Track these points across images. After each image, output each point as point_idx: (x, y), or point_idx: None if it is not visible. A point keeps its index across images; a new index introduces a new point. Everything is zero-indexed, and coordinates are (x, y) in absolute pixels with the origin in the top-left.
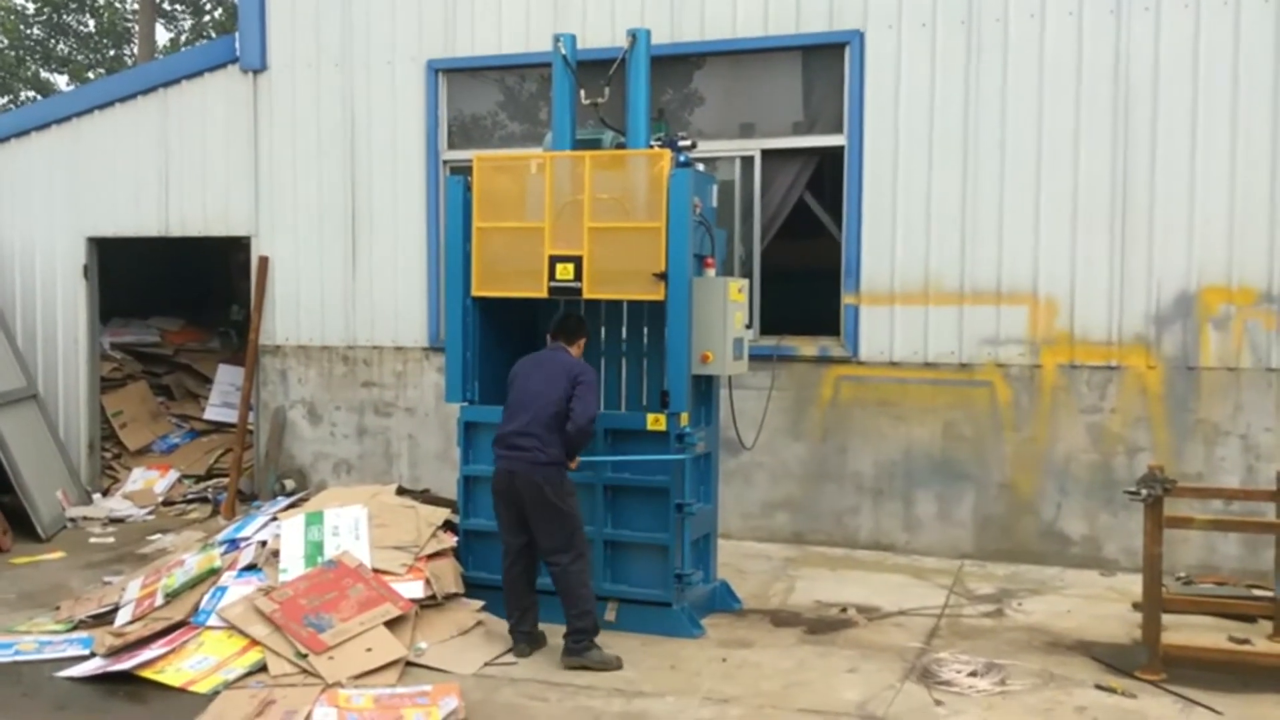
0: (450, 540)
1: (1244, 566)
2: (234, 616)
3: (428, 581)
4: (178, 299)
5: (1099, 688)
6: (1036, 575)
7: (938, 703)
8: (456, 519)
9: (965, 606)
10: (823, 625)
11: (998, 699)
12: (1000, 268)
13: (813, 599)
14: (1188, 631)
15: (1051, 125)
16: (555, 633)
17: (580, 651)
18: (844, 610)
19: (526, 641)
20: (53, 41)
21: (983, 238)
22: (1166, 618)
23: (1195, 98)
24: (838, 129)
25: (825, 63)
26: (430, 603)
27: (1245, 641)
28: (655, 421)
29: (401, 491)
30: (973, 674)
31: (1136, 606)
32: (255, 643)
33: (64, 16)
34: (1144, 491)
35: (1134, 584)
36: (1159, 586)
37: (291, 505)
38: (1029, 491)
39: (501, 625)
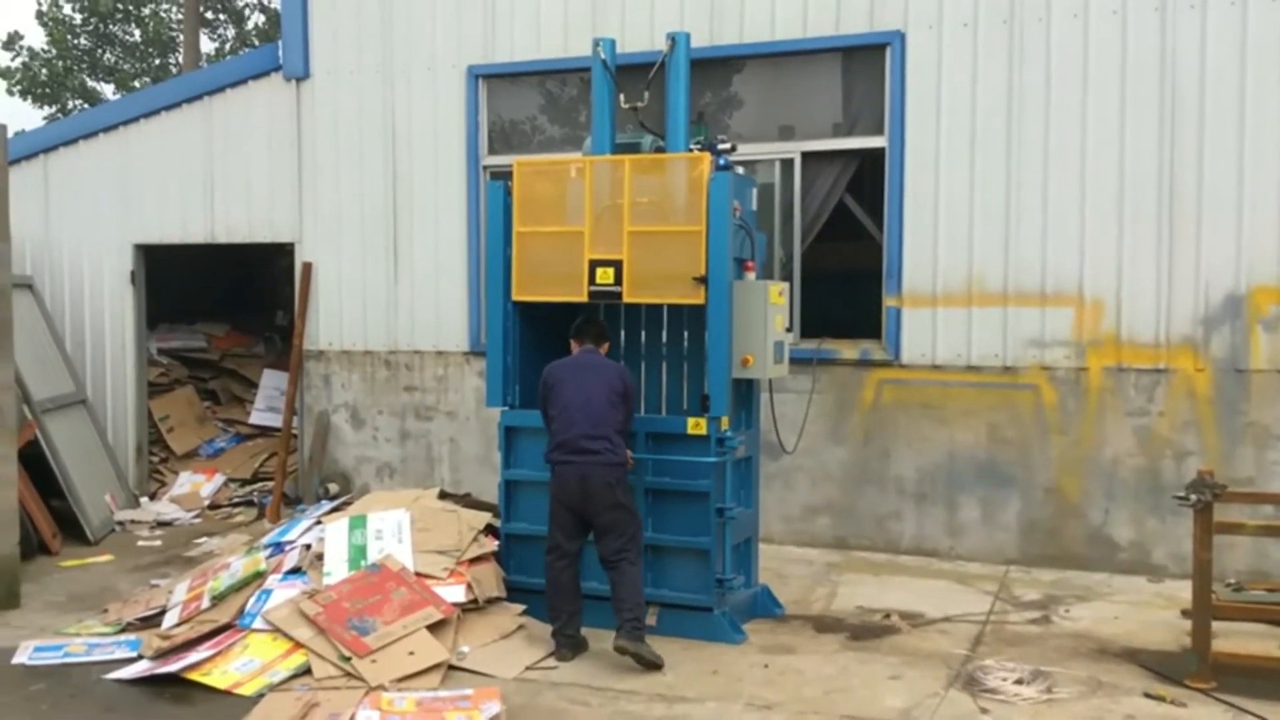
0: (491, 544)
1: None
2: (279, 619)
3: (469, 586)
4: (223, 305)
5: (1147, 696)
6: (1083, 581)
7: (983, 711)
8: (498, 523)
9: (1010, 613)
10: (865, 631)
11: (1044, 707)
12: (1045, 269)
13: (855, 604)
14: (1238, 639)
15: (1096, 124)
16: (597, 638)
17: (640, 638)
18: (887, 616)
19: (569, 646)
20: (100, 51)
21: (1026, 238)
22: (1216, 625)
23: (1243, 95)
24: (878, 130)
25: (865, 64)
26: (472, 606)
27: None
28: (696, 425)
29: (443, 495)
30: (1019, 681)
31: (1185, 613)
32: (299, 645)
33: (110, 26)
34: (1193, 497)
35: (1183, 590)
36: (1209, 593)
37: (335, 509)
38: (1075, 496)
39: (543, 629)
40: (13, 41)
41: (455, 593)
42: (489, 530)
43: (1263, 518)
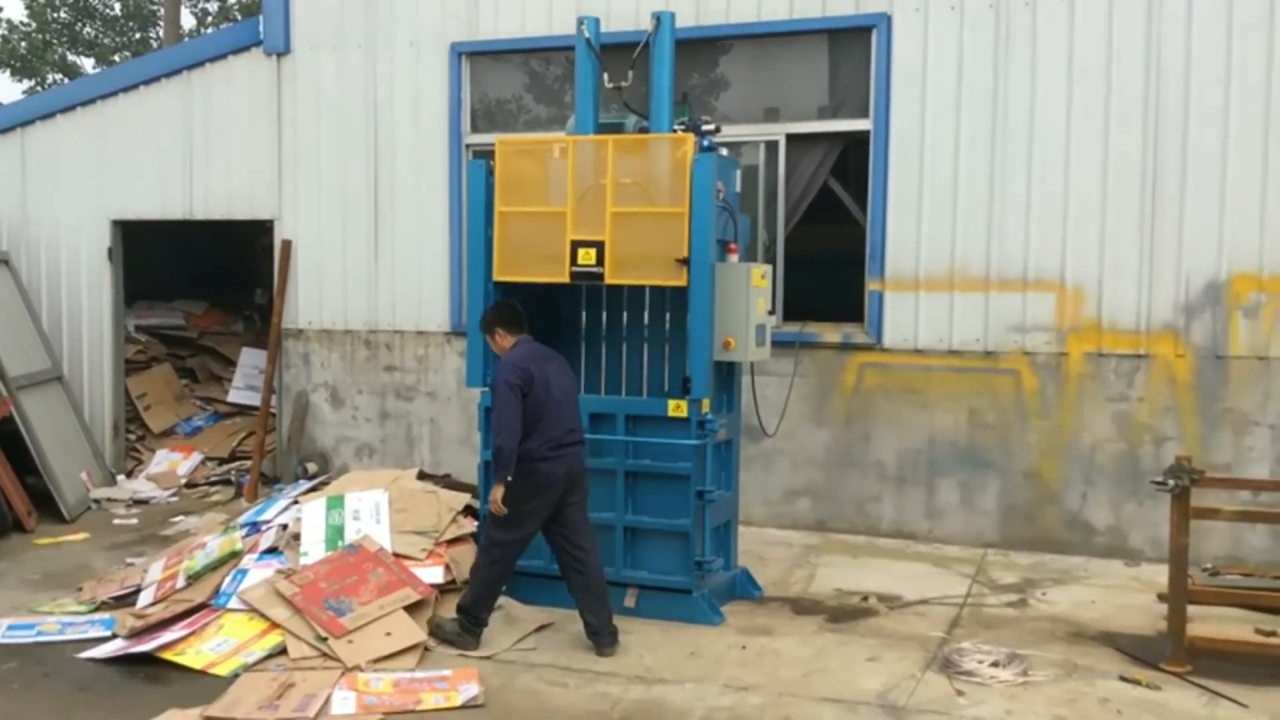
0: (470, 525)
1: (1272, 558)
2: (255, 599)
3: (448, 567)
4: (202, 282)
5: (1123, 679)
6: (1060, 565)
7: (959, 693)
8: (477, 504)
9: (988, 596)
10: (844, 613)
11: (1020, 690)
12: (1027, 254)
13: (834, 587)
14: (1213, 623)
15: (1081, 110)
16: (573, 619)
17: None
18: (865, 599)
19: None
20: (79, 24)
21: (1010, 224)
22: (1192, 609)
23: (1228, 82)
24: (863, 113)
25: (851, 46)
26: (450, 588)
27: (1272, 634)
28: (676, 408)
29: (422, 476)
30: (995, 664)
31: (1162, 598)
32: (275, 625)
33: (90, 0)
34: (1171, 482)
35: (1159, 575)
36: (1185, 578)
37: (313, 489)
38: (1054, 480)
39: (522, 610)
40: None
41: (434, 574)
42: (468, 511)
43: (1239, 503)
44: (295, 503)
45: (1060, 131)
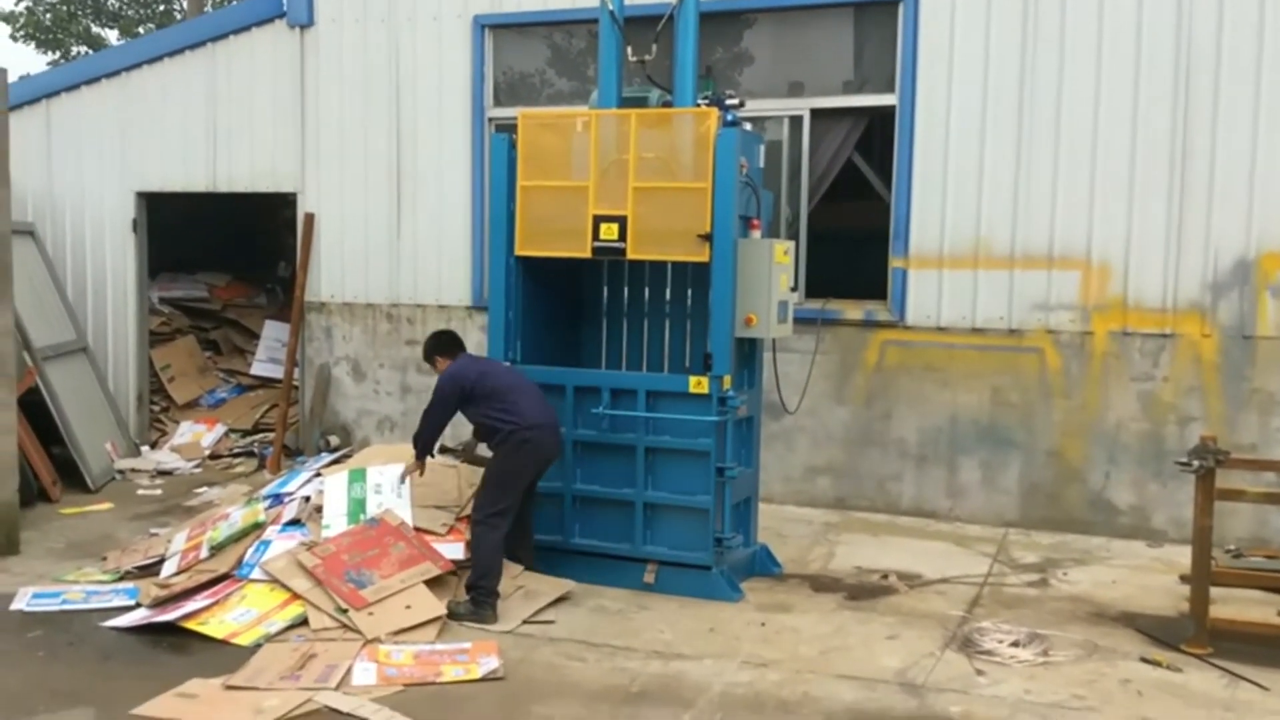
0: None
1: None
2: (277, 570)
3: (468, 543)
4: (225, 254)
5: (1144, 660)
6: (1082, 545)
7: (979, 672)
8: None
9: (1009, 575)
10: (863, 591)
11: (1040, 670)
12: (1053, 231)
13: (853, 565)
14: (1236, 605)
15: (1110, 86)
16: (591, 594)
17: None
18: (885, 577)
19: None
20: None
21: (1036, 200)
22: (1214, 591)
23: (1259, 58)
24: (889, 88)
25: (877, 20)
26: (469, 564)
27: None
28: (698, 384)
29: (443, 450)
30: (1015, 644)
31: (1184, 579)
32: (297, 596)
33: None
34: (1195, 463)
35: (1182, 556)
36: (1208, 559)
37: (335, 461)
38: (1077, 460)
39: (540, 583)
40: None
41: (454, 549)
42: None
43: (1265, 485)
44: (317, 475)
45: (1089, 107)
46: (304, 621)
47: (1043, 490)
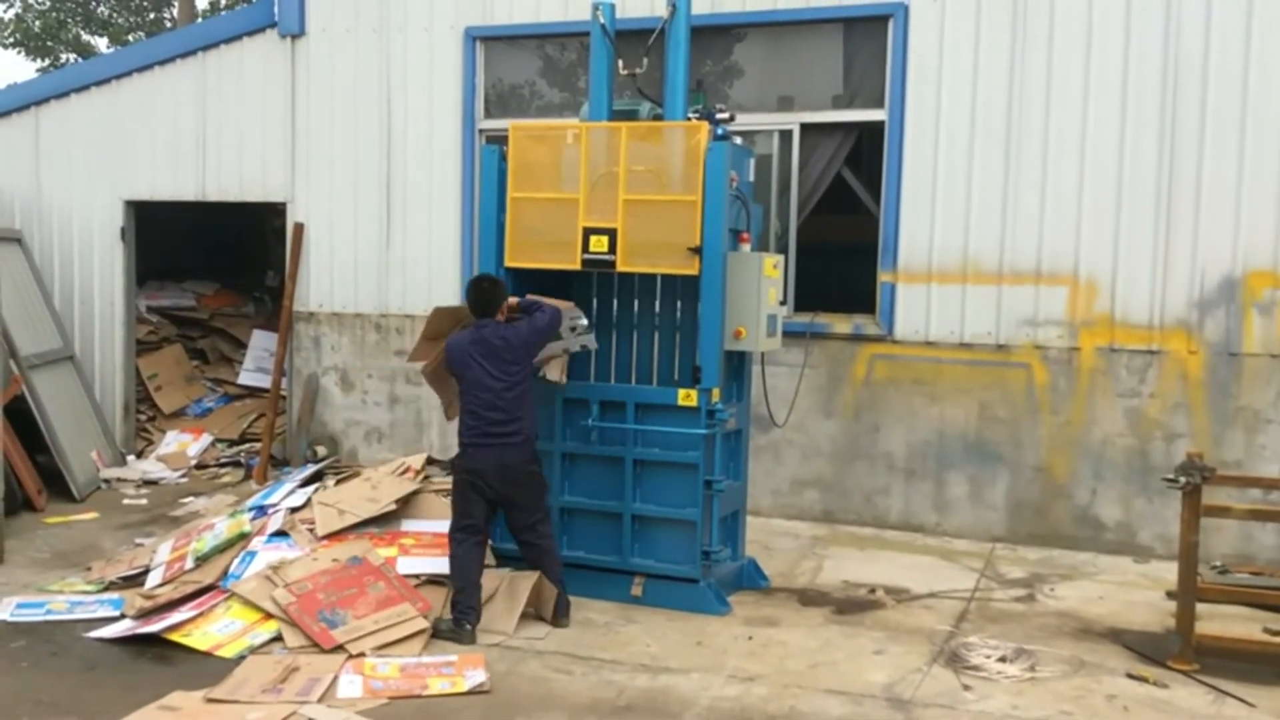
0: None
1: None
2: (247, 592)
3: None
4: (213, 263)
5: (1130, 676)
6: (1069, 560)
7: (966, 687)
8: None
9: (996, 590)
10: (850, 605)
11: (1027, 685)
12: (1041, 248)
13: (841, 579)
14: (1222, 621)
15: (1098, 103)
16: (580, 605)
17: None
18: (872, 591)
19: (478, 621)
20: (93, 4)
21: (1024, 217)
22: (1200, 607)
23: (1245, 78)
24: (878, 103)
25: (867, 35)
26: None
27: None
28: (686, 397)
29: (430, 461)
30: (1002, 659)
31: (1170, 595)
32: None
33: None
34: (1182, 479)
35: (1168, 571)
36: (1194, 575)
37: (317, 474)
38: (1064, 475)
39: (525, 580)
40: None
41: (441, 564)
42: None
43: (1250, 501)
44: (302, 485)
45: (1077, 123)
46: None
47: (1030, 505)
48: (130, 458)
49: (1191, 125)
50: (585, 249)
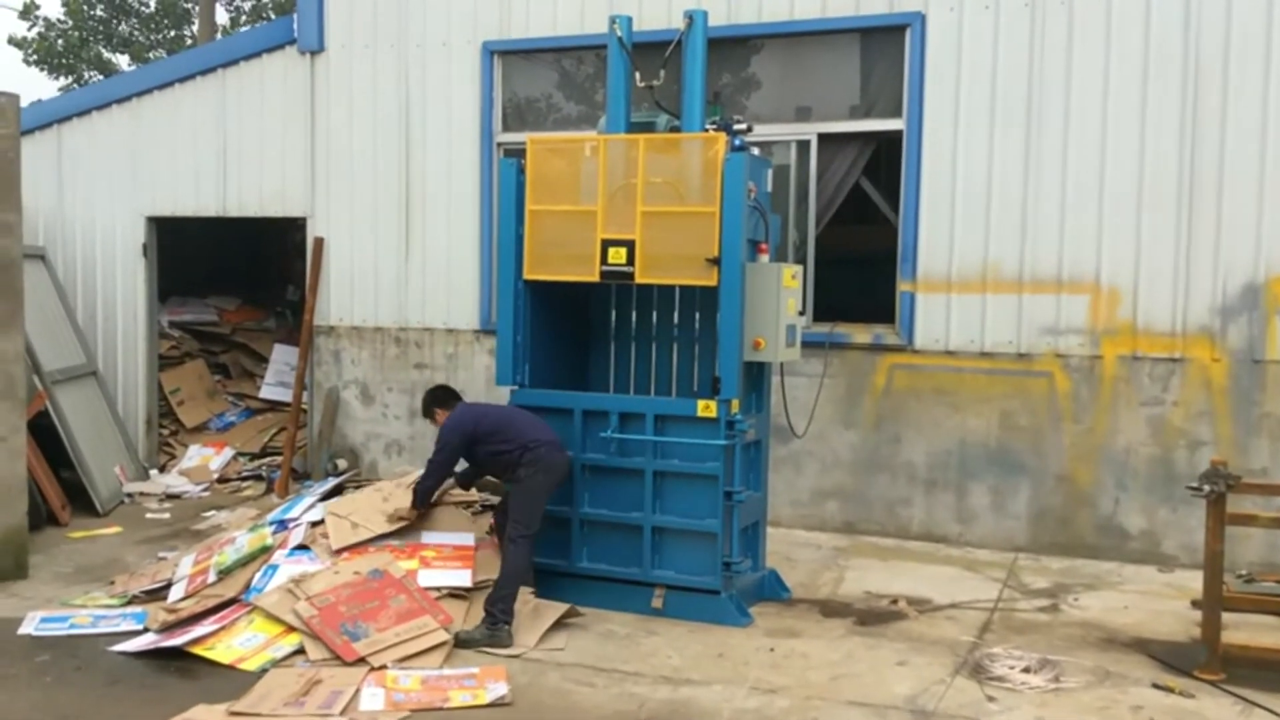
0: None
1: None
2: (269, 604)
3: (474, 570)
4: (235, 278)
5: (1156, 686)
6: (1093, 570)
7: (990, 699)
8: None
9: (1019, 600)
10: (872, 616)
11: (1051, 696)
12: (1062, 256)
13: (863, 589)
14: (1248, 631)
15: (1117, 110)
16: (601, 618)
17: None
18: (894, 602)
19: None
20: (115, 22)
21: (1044, 225)
22: (1226, 616)
23: (1267, 80)
24: (896, 113)
25: (884, 45)
26: (484, 586)
27: None
28: (706, 408)
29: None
30: (1026, 670)
31: (1195, 604)
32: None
33: None
34: (1206, 487)
35: (1193, 581)
36: (1219, 584)
37: (338, 487)
38: (1087, 484)
39: (553, 610)
40: (29, 11)
41: (462, 576)
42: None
43: (1276, 510)
44: (324, 498)
45: (1096, 131)
46: None
47: (1053, 515)
48: (153, 472)
49: (1212, 131)
50: (604, 261)
